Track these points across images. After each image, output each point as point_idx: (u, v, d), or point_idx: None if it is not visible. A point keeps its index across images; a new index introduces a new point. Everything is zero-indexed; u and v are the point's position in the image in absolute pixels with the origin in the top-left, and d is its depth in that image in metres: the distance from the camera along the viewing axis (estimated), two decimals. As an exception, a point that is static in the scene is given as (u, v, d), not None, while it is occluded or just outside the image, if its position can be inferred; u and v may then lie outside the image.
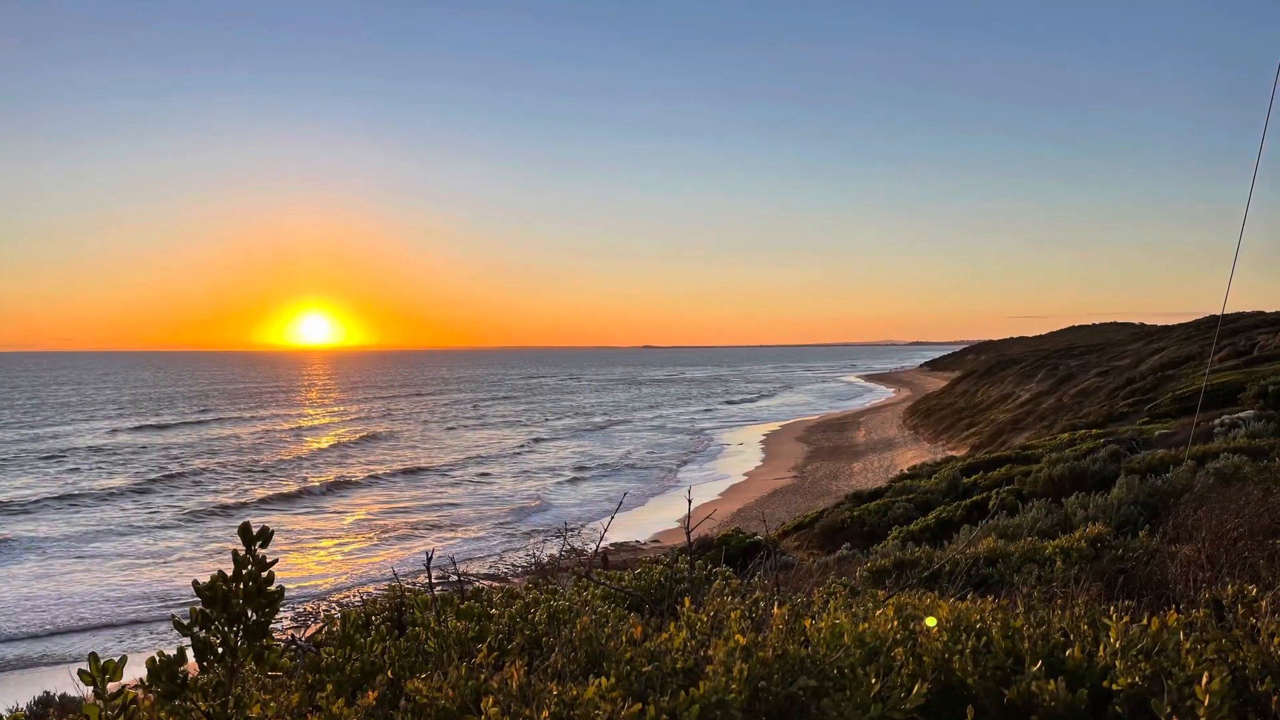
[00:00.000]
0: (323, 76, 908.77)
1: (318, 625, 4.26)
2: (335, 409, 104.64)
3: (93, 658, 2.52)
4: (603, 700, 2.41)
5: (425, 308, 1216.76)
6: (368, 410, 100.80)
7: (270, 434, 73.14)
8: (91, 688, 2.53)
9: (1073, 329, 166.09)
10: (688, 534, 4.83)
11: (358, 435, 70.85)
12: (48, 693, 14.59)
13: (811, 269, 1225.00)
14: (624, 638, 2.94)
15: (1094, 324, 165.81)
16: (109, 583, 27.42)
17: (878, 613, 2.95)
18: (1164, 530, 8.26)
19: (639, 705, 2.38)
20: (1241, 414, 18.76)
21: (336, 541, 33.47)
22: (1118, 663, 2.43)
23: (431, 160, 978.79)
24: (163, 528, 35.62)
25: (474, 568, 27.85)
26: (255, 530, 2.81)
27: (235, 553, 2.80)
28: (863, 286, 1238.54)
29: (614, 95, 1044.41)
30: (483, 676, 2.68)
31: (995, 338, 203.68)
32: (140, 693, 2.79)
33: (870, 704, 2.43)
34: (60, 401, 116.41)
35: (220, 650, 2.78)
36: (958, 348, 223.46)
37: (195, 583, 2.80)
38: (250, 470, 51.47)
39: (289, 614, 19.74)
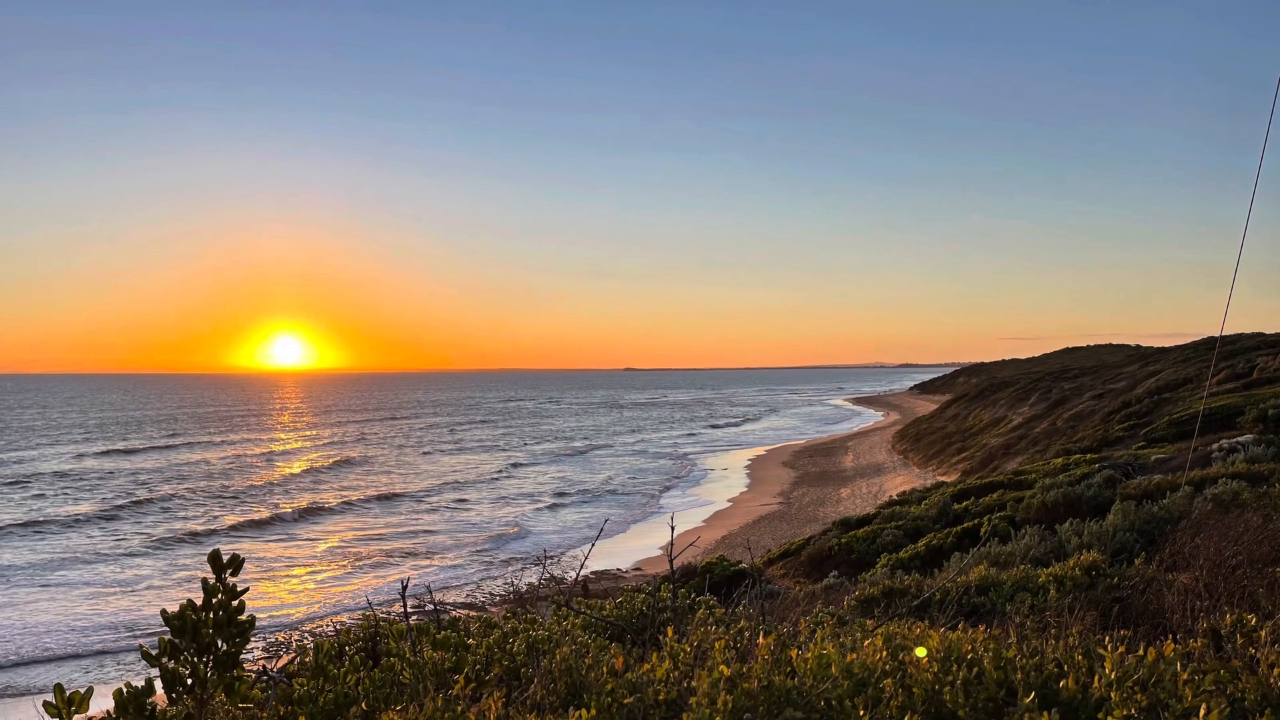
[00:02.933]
0: (294, 92, 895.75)
1: (290, 656, 4.16)
2: (308, 433, 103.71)
3: (58, 689, 2.50)
4: (586, 734, 2.36)
5: (400, 329, 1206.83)
6: (341, 434, 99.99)
7: (241, 459, 72.34)
8: (55, 721, 2.48)
9: (1067, 351, 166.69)
10: (670, 562, 4.78)
11: (331, 460, 70.17)
12: (8, 725, 14.22)
13: (797, 289, 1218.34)
14: (605, 668, 2.89)
15: (1089, 346, 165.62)
16: (75, 612, 26.87)
17: (866, 643, 2.91)
18: (1161, 558, 8.26)
19: (624, 739, 2.32)
20: (1240, 438, 18.73)
21: (309, 569, 33.02)
22: (1113, 694, 2.40)
23: (406, 178, 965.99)
24: (130, 555, 34.99)
25: (450, 596, 27.56)
26: (225, 558, 2.80)
27: (205, 581, 2.78)
28: (850, 307, 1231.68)
29: (592, 109, 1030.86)
30: (460, 708, 2.64)
31: (987, 360, 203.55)
32: (105, 726, 2.73)
33: (861, 737, 2.39)
34: (25, 425, 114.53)
35: (189, 681, 2.75)
36: (948, 370, 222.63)
37: (164, 612, 2.76)
38: (220, 496, 50.79)
39: (260, 644, 19.41)
